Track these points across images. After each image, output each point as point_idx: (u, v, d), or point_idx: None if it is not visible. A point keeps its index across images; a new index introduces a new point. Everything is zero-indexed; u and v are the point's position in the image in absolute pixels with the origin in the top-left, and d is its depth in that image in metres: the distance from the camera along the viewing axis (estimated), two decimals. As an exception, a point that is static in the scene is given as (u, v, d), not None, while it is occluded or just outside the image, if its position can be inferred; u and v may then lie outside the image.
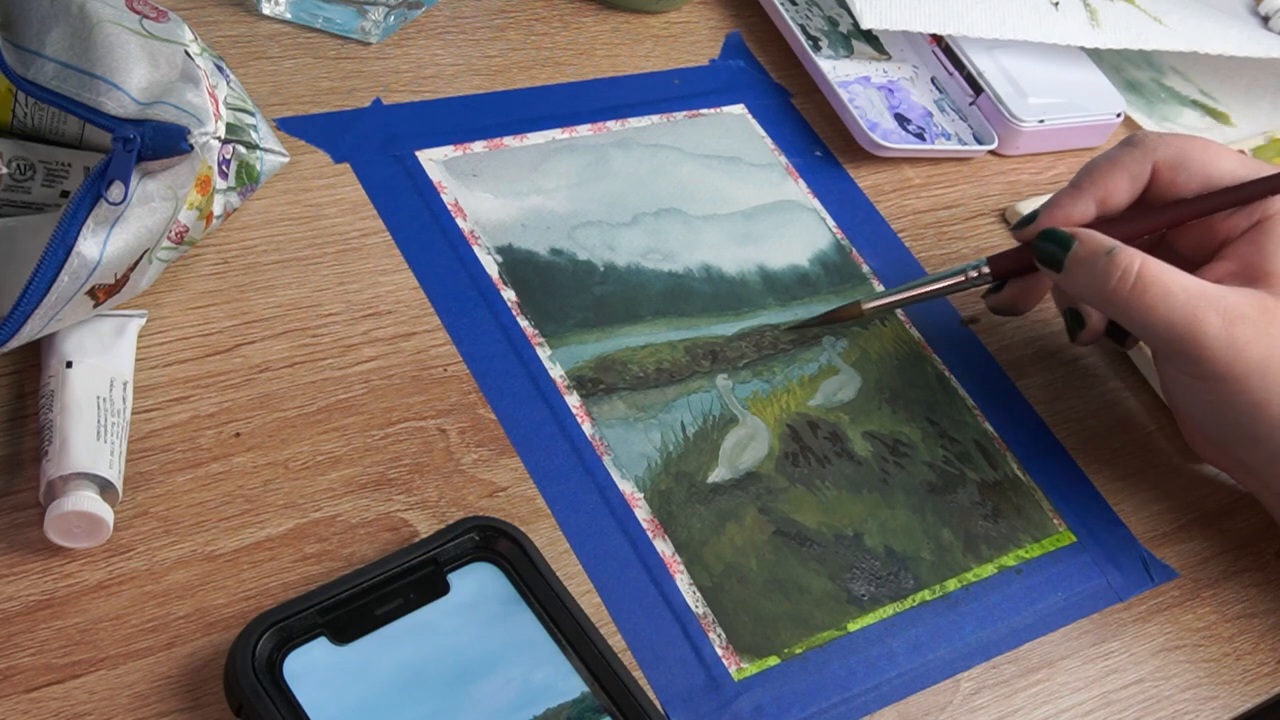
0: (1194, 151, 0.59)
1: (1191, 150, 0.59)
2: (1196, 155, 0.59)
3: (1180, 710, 0.55)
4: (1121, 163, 0.59)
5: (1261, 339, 0.53)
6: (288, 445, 0.51)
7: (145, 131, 0.46)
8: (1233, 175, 0.58)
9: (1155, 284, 0.54)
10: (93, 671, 0.44)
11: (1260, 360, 0.53)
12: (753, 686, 0.50)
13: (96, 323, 0.50)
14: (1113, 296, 0.55)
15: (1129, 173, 0.59)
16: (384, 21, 0.65)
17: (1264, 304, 0.54)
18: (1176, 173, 0.59)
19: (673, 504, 0.54)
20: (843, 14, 0.77)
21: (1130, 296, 0.54)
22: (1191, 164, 0.58)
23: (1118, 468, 0.62)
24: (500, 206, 0.62)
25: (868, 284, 0.65)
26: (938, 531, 0.57)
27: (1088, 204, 0.59)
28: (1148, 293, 0.54)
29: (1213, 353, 0.53)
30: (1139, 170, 0.59)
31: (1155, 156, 0.59)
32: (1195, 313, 0.53)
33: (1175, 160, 0.59)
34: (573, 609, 0.48)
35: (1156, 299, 0.54)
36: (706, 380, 0.59)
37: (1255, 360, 0.53)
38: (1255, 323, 0.53)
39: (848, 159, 0.71)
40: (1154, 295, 0.54)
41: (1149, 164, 0.59)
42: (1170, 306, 0.54)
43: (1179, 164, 0.59)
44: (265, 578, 0.48)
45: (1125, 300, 0.55)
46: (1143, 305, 0.54)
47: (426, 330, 0.56)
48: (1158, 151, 0.59)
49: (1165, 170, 0.59)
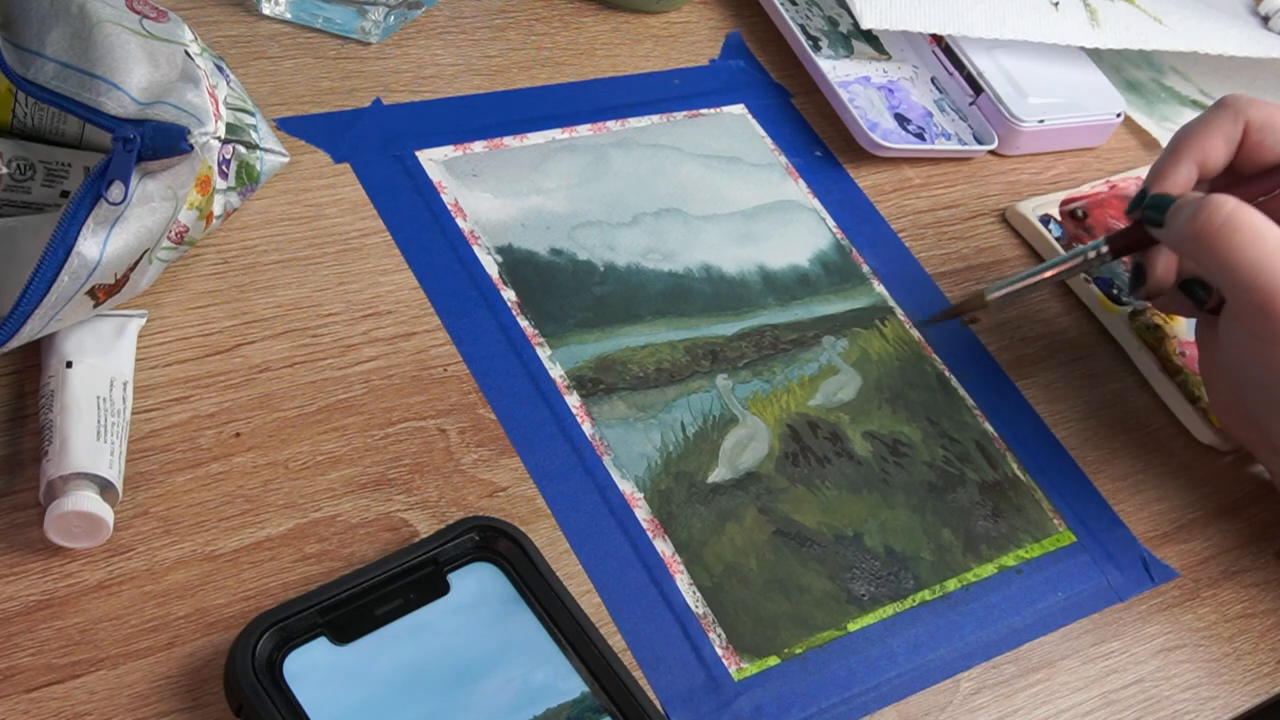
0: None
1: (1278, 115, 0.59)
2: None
3: (1180, 710, 0.55)
4: (1215, 124, 0.59)
5: None
6: (288, 445, 0.51)
7: (145, 131, 0.46)
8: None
9: (1247, 224, 0.53)
10: (93, 671, 0.44)
11: None
12: (753, 686, 0.50)
13: (96, 323, 0.50)
14: (1202, 233, 0.53)
15: (1223, 134, 0.59)
16: (384, 21, 0.65)
17: None
18: (1265, 134, 0.58)
19: (673, 504, 0.54)
20: (843, 14, 0.77)
21: (1220, 233, 0.53)
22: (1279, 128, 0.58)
23: (1118, 468, 0.62)
24: (500, 206, 0.62)
25: (868, 284, 0.65)
26: (938, 531, 0.57)
27: (1189, 168, 0.59)
28: (1239, 231, 0.53)
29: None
30: (1232, 131, 0.59)
31: (1246, 116, 0.59)
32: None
33: (1264, 122, 0.58)
34: (573, 609, 0.48)
35: (1246, 240, 0.52)
36: (706, 380, 0.59)
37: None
38: None
39: (848, 159, 0.71)
40: (1244, 235, 0.52)
41: (1241, 123, 0.59)
42: (1260, 251, 0.52)
43: (1269, 125, 0.58)
44: (265, 578, 0.47)
45: (1214, 237, 0.53)
46: (1231, 245, 0.53)
47: (426, 330, 0.56)
48: (1248, 112, 0.59)
49: (1254, 132, 0.59)
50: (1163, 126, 0.81)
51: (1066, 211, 0.73)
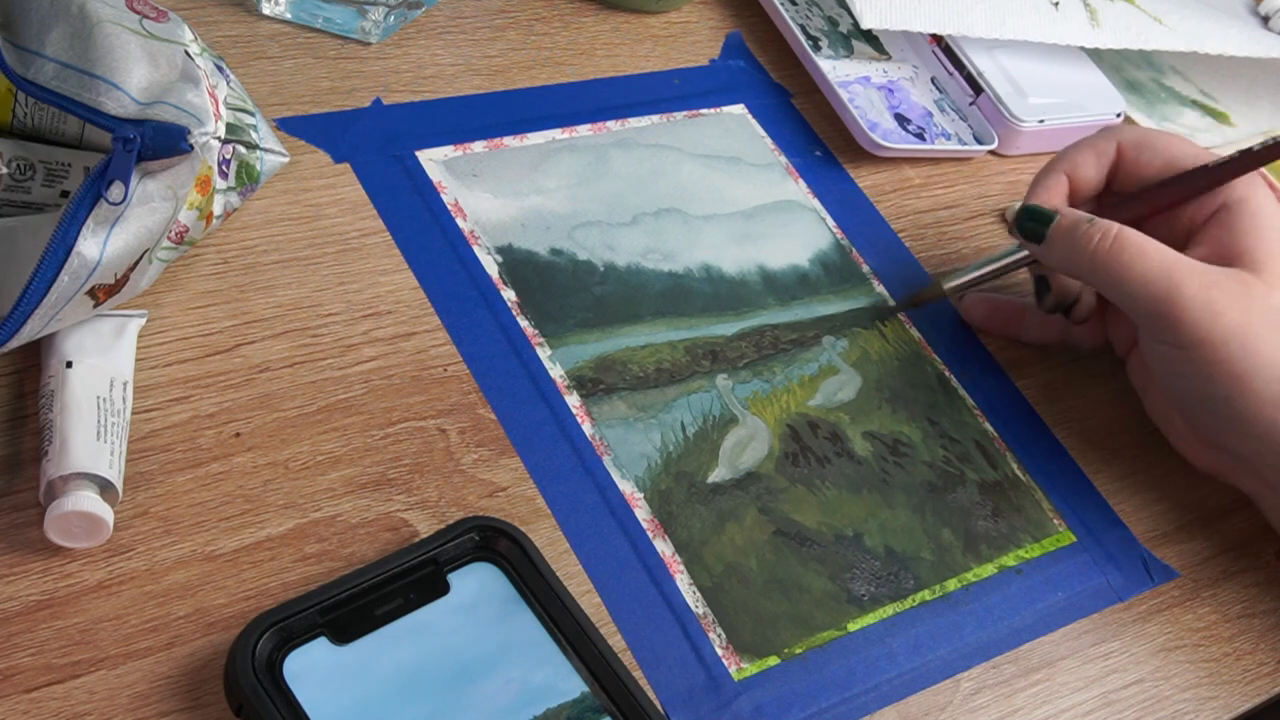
0: (1157, 136, 0.61)
1: (1153, 135, 0.61)
2: (1160, 139, 0.61)
3: (1180, 710, 0.55)
4: (1088, 141, 0.62)
5: (1238, 306, 0.54)
6: (288, 445, 0.51)
7: (145, 131, 0.46)
8: (1194, 158, 0.60)
9: (1131, 244, 0.55)
10: (93, 671, 0.44)
11: (1239, 327, 0.54)
12: (753, 686, 0.50)
13: (96, 323, 0.50)
14: (1092, 259, 0.56)
15: (1095, 149, 0.61)
16: (384, 21, 0.65)
17: (1240, 277, 0.55)
18: (1140, 151, 0.61)
19: (673, 504, 0.54)
20: (843, 14, 0.77)
21: (1109, 256, 0.56)
22: (1155, 144, 0.61)
23: (1118, 468, 0.62)
24: (500, 206, 0.62)
25: (868, 284, 0.65)
26: (938, 531, 0.57)
27: (1059, 177, 0.61)
28: (1125, 252, 0.55)
29: (1190, 314, 0.54)
30: (1105, 147, 0.61)
31: (1119, 136, 0.61)
32: (1172, 274, 0.55)
33: (1139, 141, 0.61)
34: (573, 609, 0.48)
35: (1133, 258, 0.55)
36: (706, 380, 0.59)
37: (1233, 326, 0.54)
38: (1232, 291, 0.54)
39: (848, 159, 0.71)
40: (1131, 254, 0.55)
41: (1114, 142, 0.61)
42: (1146, 266, 0.55)
43: (1142, 144, 0.61)
44: (265, 578, 0.47)
45: (1104, 261, 0.56)
46: (1120, 264, 0.55)
47: (426, 330, 0.56)
48: (1122, 132, 0.61)
49: (1130, 149, 0.61)
50: (1163, 126, 0.81)
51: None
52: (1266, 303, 0.54)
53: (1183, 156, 0.60)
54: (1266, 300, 0.54)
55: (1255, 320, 0.54)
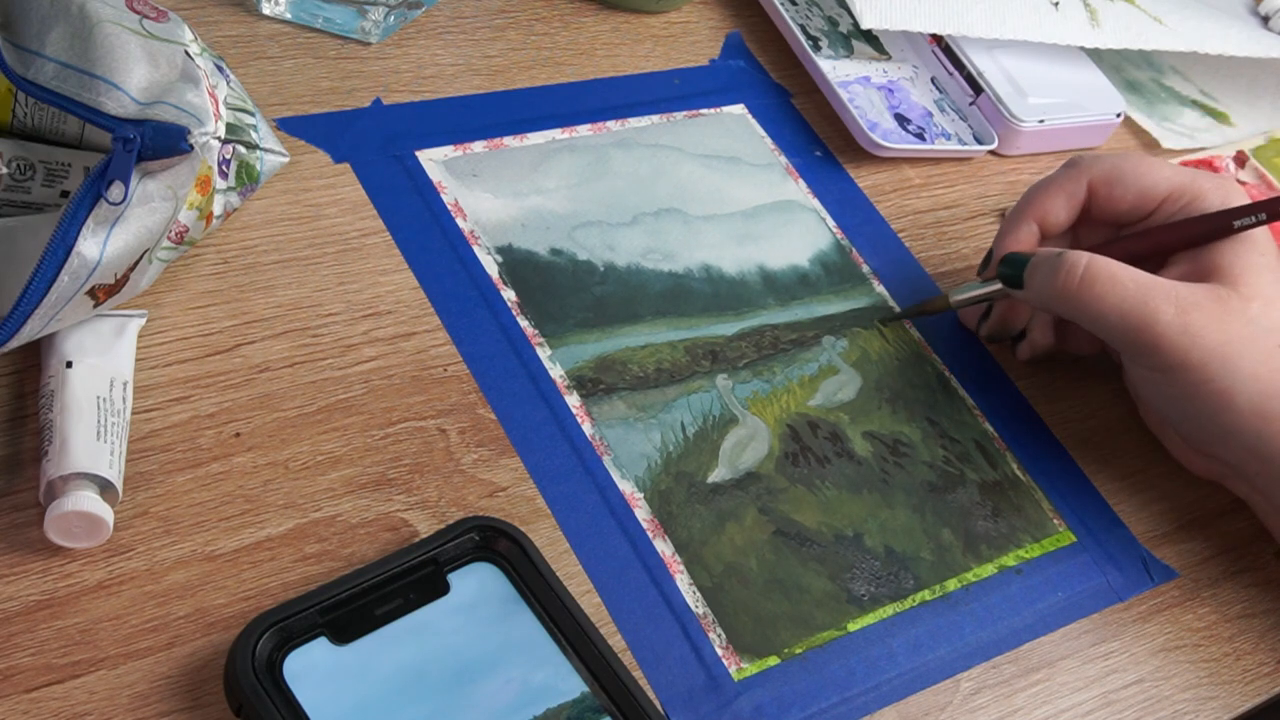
0: (1126, 166, 0.60)
1: (1124, 165, 0.60)
2: (1129, 169, 0.60)
3: (1180, 710, 0.55)
4: (1057, 182, 0.61)
5: (1217, 326, 0.54)
6: (288, 445, 0.51)
7: (145, 131, 0.46)
8: (1168, 182, 0.59)
9: (1103, 275, 0.55)
10: (93, 671, 0.44)
11: (1218, 346, 0.54)
12: (753, 686, 0.50)
13: (96, 323, 0.50)
14: (1063, 292, 0.56)
15: (1064, 191, 0.60)
16: (384, 21, 0.65)
17: (1217, 294, 0.55)
18: (1112, 187, 0.60)
19: (673, 504, 0.54)
20: (843, 14, 0.77)
21: (1080, 289, 0.55)
22: (1125, 177, 0.60)
23: (1118, 468, 0.62)
24: (500, 206, 0.62)
25: (868, 284, 0.65)
26: (938, 531, 0.57)
27: (1029, 226, 0.61)
28: (1096, 283, 0.55)
29: (1168, 340, 0.54)
30: (1074, 188, 0.60)
31: (1089, 174, 0.60)
32: (1147, 301, 0.54)
33: (1109, 175, 0.60)
34: (573, 609, 0.48)
35: (1106, 289, 0.55)
36: (706, 380, 0.59)
37: (1212, 347, 0.54)
38: (1209, 310, 0.54)
39: (848, 159, 0.71)
40: (1103, 286, 0.55)
41: (1084, 181, 0.60)
42: (1121, 296, 0.55)
43: (1114, 178, 0.60)
44: (265, 578, 0.47)
45: (1076, 294, 0.56)
46: (1093, 296, 0.55)
47: (426, 330, 0.56)
48: (1092, 169, 0.60)
49: (1101, 186, 0.60)
50: (1163, 126, 0.82)
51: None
52: (1244, 317, 0.54)
53: (1155, 185, 0.59)
54: (1244, 315, 0.54)
55: (1234, 337, 0.54)
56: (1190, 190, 0.59)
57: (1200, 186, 0.59)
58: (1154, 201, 0.59)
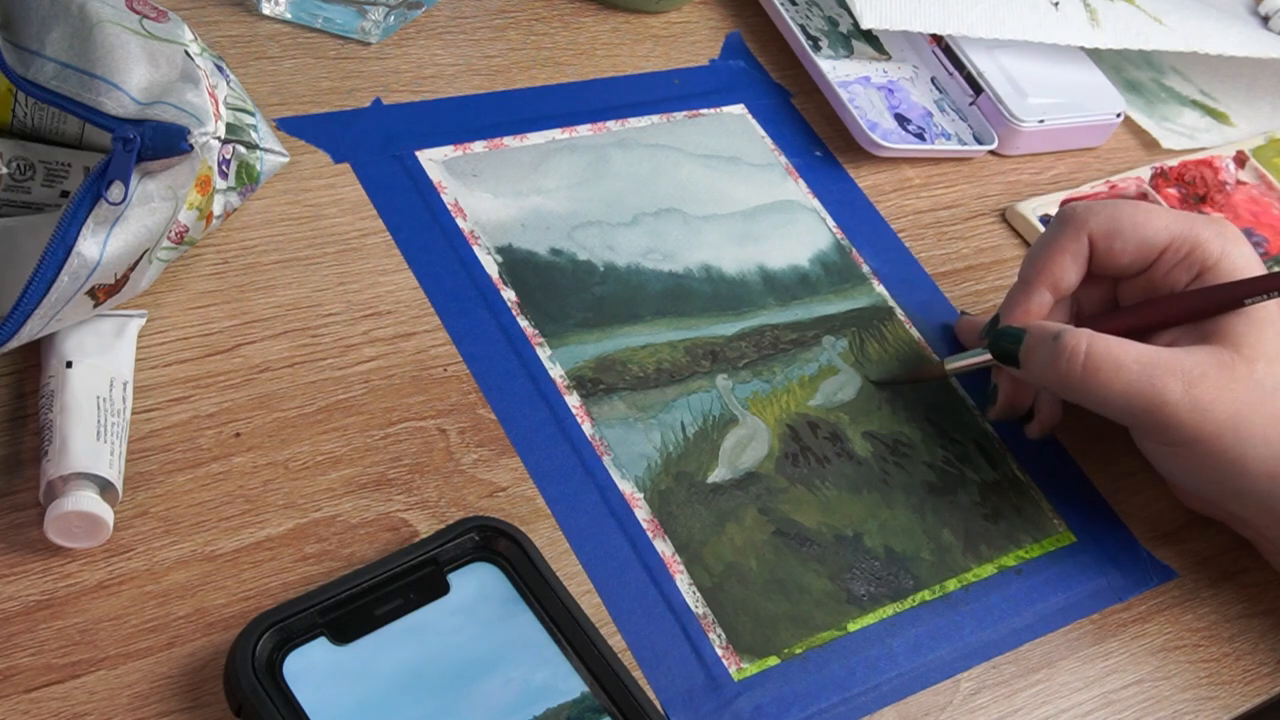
0: (1124, 217, 0.58)
1: (1121, 216, 0.58)
2: (1127, 220, 0.58)
3: (1180, 710, 0.55)
4: (1059, 244, 0.59)
5: (1225, 396, 0.53)
6: (288, 445, 0.51)
7: (145, 131, 0.46)
8: (1167, 231, 0.58)
9: (1105, 360, 0.54)
10: (93, 671, 0.44)
11: (1228, 417, 0.53)
12: (753, 686, 0.50)
13: (96, 323, 0.50)
14: (1066, 379, 0.55)
15: (1068, 252, 0.59)
16: (384, 21, 0.65)
17: (1220, 359, 0.54)
18: (1112, 240, 0.58)
19: (673, 504, 0.54)
20: (843, 14, 0.77)
21: (1084, 377, 0.54)
22: (1124, 229, 0.58)
23: (1118, 468, 0.62)
24: (500, 206, 0.62)
25: (868, 284, 0.65)
26: (938, 531, 0.57)
27: (1042, 294, 0.59)
28: (1100, 370, 0.54)
29: (1179, 418, 0.53)
30: (1077, 247, 0.59)
31: (1089, 228, 0.58)
32: (1153, 382, 0.53)
33: (1108, 228, 0.58)
34: (573, 609, 0.48)
35: (1110, 375, 0.54)
36: (706, 380, 0.59)
37: (1223, 418, 0.53)
38: (1216, 380, 0.53)
39: (848, 159, 0.71)
40: (1106, 372, 0.54)
41: (1084, 237, 0.59)
42: (1126, 380, 0.53)
43: (1112, 231, 0.58)
44: (265, 578, 0.48)
45: (1080, 382, 0.54)
46: (1097, 384, 0.54)
47: (426, 330, 0.56)
48: (1089, 223, 0.59)
49: (1101, 240, 0.58)
50: (1163, 126, 0.82)
51: (1066, 212, 0.73)
52: (1250, 381, 0.53)
53: (1155, 235, 0.58)
54: (1250, 379, 0.53)
55: (1242, 404, 0.53)
56: (1189, 239, 0.57)
57: (1199, 234, 0.57)
58: (1154, 251, 0.58)
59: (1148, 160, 0.79)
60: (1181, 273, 0.58)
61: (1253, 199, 0.79)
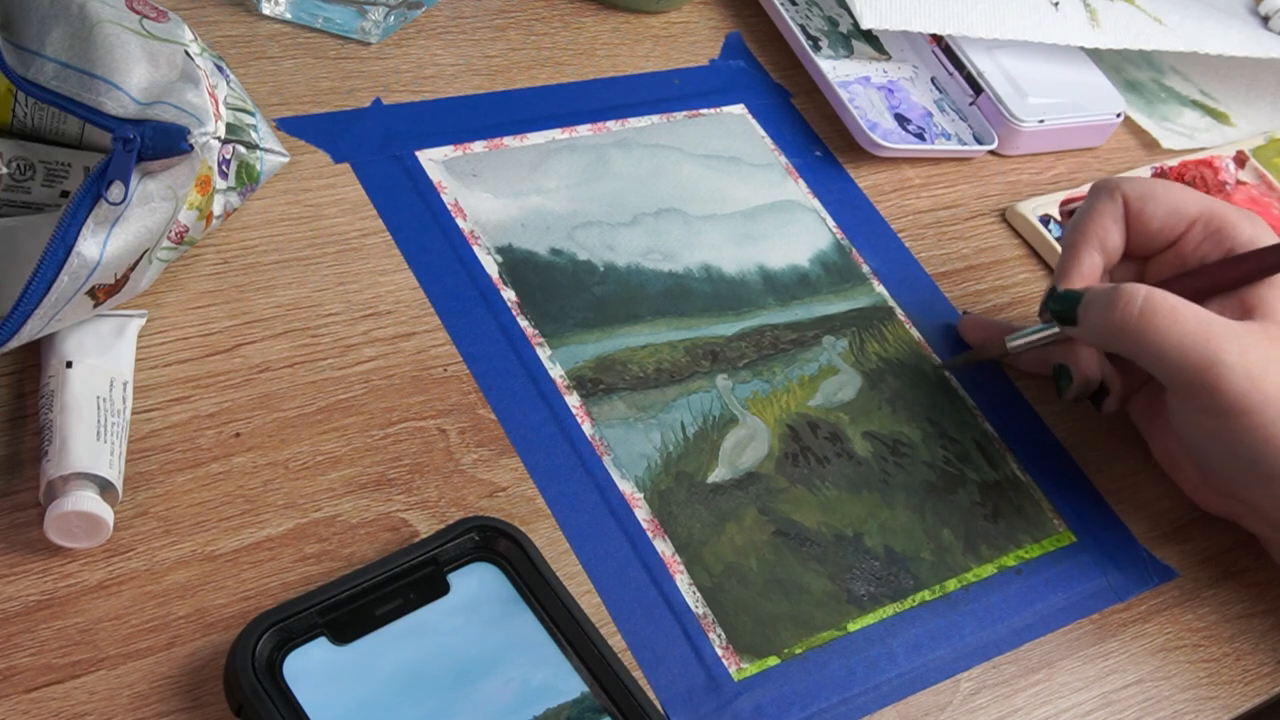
0: (1156, 185, 0.59)
1: (1155, 184, 0.59)
2: (1160, 188, 0.59)
3: (1180, 710, 0.55)
4: (1100, 208, 0.59)
5: (1274, 369, 0.52)
6: (288, 445, 0.51)
7: (145, 131, 0.46)
8: (1197, 204, 0.58)
9: (1163, 307, 0.53)
10: (93, 671, 0.44)
11: (1275, 390, 0.52)
12: (753, 686, 0.50)
13: (96, 323, 0.50)
14: (1122, 326, 0.54)
15: (1110, 215, 0.59)
16: (384, 21, 0.65)
17: (1268, 332, 0.53)
18: (1145, 203, 0.59)
19: (673, 504, 0.54)
20: (843, 14, 0.77)
21: (1140, 322, 0.53)
22: (1157, 195, 0.59)
23: (1118, 468, 0.62)
24: (500, 206, 0.62)
25: (868, 284, 0.65)
26: (938, 531, 0.57)
27: (1093, 256, 0.59)
28: (1157, 316, 0.53)
29: (1230, 383, 0.52)
30: (1116, 209, 0.59)
31: (1122, 190, 0.59)
32: (1209, 338, 0.52)
33: (1141, 192, 0.59)
34: (573, 609, 0.48)
35: (1167, 323, 0.53)
36: (706, 380, 0.59)
37: (1270, 391, 0.52)
38: (1266, 353, 0.52)
39: (848, 159, 0.71)
40: (1164, 319, 0.53)
41: (1119, 198, 0.59)
42: (1183, 331, 0.53)
43: (1145, 195, 0.59)
44: (265, 578, 0.48)
45: (1135, 328, 0.53)
46: (1154, 329, 0.53)
47: (426, 330, 0.56)
48: (1122, 186, 0.59)
49: (1134, 202, 0.59)
50: (1163, 126, 0.82)
51: (1066, 212, 0.73)
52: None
53: (1185, 205, 0.58)
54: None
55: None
56: (1219, 216, 0.58)
57: (1229, 214, 0.58)
58: (1184, 221, 0.58)
59: (1148, 160, 0.79)
60: (1210, 247, 0.58)
61: (1253, 199, 0.79)
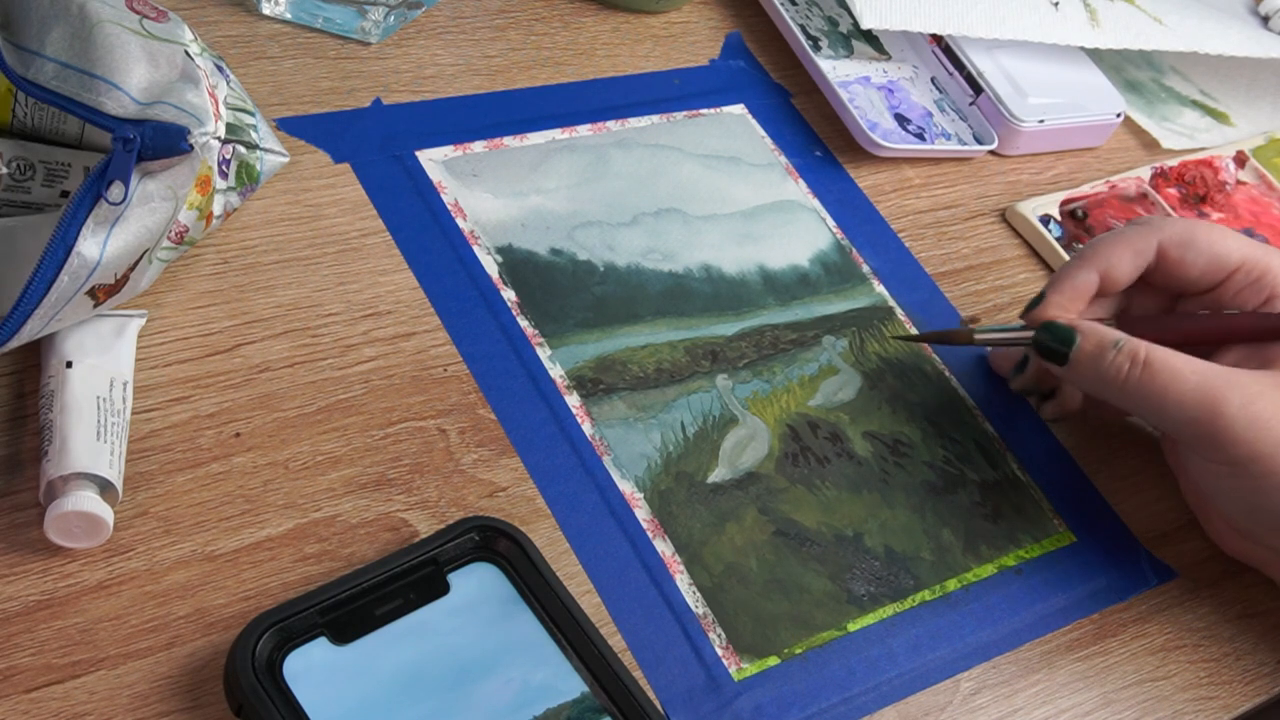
0: (1200, 231, 0.58)
1: (1197, 230, 0.58)
2: (1202, 235, 0.57)
3: (1180, 710, 0.55)
4: (1126, 237, 0.58)
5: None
6: (288, 445, 0.51)
7: (145, 131, 0.46)
8: (1240, 253, 0.57)
9: (1164, 368, 0.53)
10: (93, 671, 0.44)
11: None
12: (753, 686, 0.50)
13: (96, 323, 0.50)
14: (1123, 388, 0.54)
15: (1133, 247, 0.58)
16: (384, 21, 0.65)
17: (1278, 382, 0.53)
18: (1185, 250, 0.57)
19: (673, 504, 0.54)
20: (843, 14, 0.77)
21: (1140, 383, 0.53)
22: (1198, 241, 0.57)
23: (1118, 468, 0.62)
24: (500, 206, 0.62)
25: (868, 284, 0.65)
26: (938, 531, 0.57)
27: (1090, 274, 0.58)
28: (1157, 377, 0.53)
29: (1234, 433, 0.52)
30: (1144, 246, 0.58)
31: (1161, 234, 0.58)
32: (1211, 391, 0.52)
33: (1182, 238, 0.57)
34: (573, 609, 0.48)
35: (1168, 383, 0.53)
36: (706, 380, 0.59)
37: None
38: (1273, 400, 0.52)
39: (848, 159, 0.71)
40: (1164, 379, 0.53)
41: (1154, 241, 0.58)
42: (1183, 389, 0.52)
43: (1186, 242, 0.57)
44: (265, 578, 0.48)
45: (1136, 388, 0.53)
46: (1155, 389, 0.53)
47: (426, 330, 0.56)
48: (1163, 230, 0.58)
49: (1173, 249, 0.58)
50: (1163, 126, 0.82)
51: (1066, 212, 0.73)
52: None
53: (1228, 254, 0.57)
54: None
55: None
56: (1263, 263, 0.57)
57: (1273, 261, 0.57)
58: (1225, 270, 0.57)
59: (1148, 160, 0.79)
60: (1251, 295, 0.57)
61: (1253, 199, 0.79)
